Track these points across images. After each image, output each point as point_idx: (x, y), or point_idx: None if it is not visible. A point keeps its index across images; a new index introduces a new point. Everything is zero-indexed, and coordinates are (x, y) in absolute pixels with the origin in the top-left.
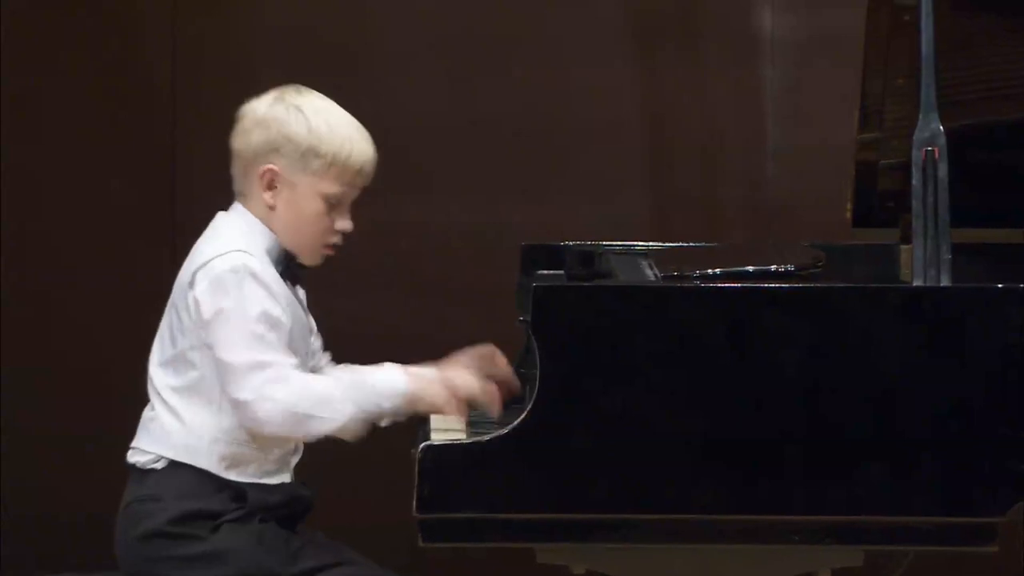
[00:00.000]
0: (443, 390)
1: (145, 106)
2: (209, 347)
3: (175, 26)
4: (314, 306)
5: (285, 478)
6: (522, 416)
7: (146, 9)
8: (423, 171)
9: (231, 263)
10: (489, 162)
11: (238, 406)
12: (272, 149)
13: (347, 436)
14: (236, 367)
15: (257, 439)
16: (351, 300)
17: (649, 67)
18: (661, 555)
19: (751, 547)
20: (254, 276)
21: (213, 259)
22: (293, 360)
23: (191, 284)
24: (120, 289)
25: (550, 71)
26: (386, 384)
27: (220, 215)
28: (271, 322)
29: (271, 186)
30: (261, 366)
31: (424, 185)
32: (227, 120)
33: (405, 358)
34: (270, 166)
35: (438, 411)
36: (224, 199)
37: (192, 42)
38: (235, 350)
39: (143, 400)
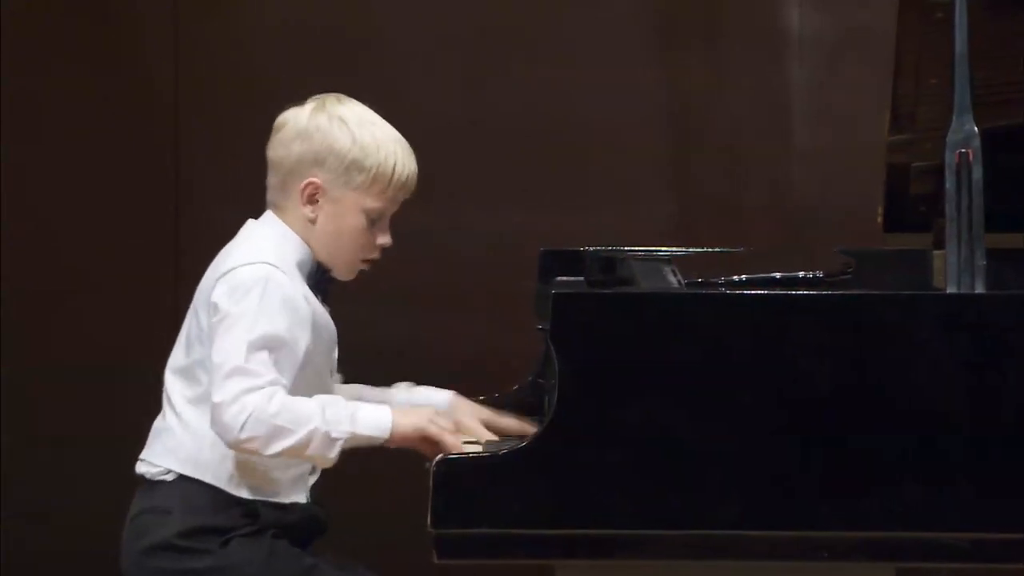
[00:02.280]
0: (427, 420)
1: (147, 106)
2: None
3: (177, 26)
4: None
5: (300, 498)
6: (540, 428)
7: (147, 10)
8: (435, 175)
9: (255, 273)
10: (504, 165)
11: (211, 408)
12: (315, 162)
13: (316, 457)
14: (219, 368)
15: (273, 459)
16: (358, 309)
17: (671, 66)
18: (685, 572)
19: (778, 564)
20: (275, 290)
21: (239, 267)
22: (283, 381)
23: (214, 289)
24: (122, 290)
25: (567, 70)
26: (369, 414)
27: (250, 223)
28: (273, 342)
29: (312, 200)
30: (245, 373)
31: (436, 189)
32: (230, 119)
33: (414, 367)
34: (312, 179)
35: (417, 441)
36: (227, 199)
37: (194, 41)
38: (224, 353)
39: (144, 402)
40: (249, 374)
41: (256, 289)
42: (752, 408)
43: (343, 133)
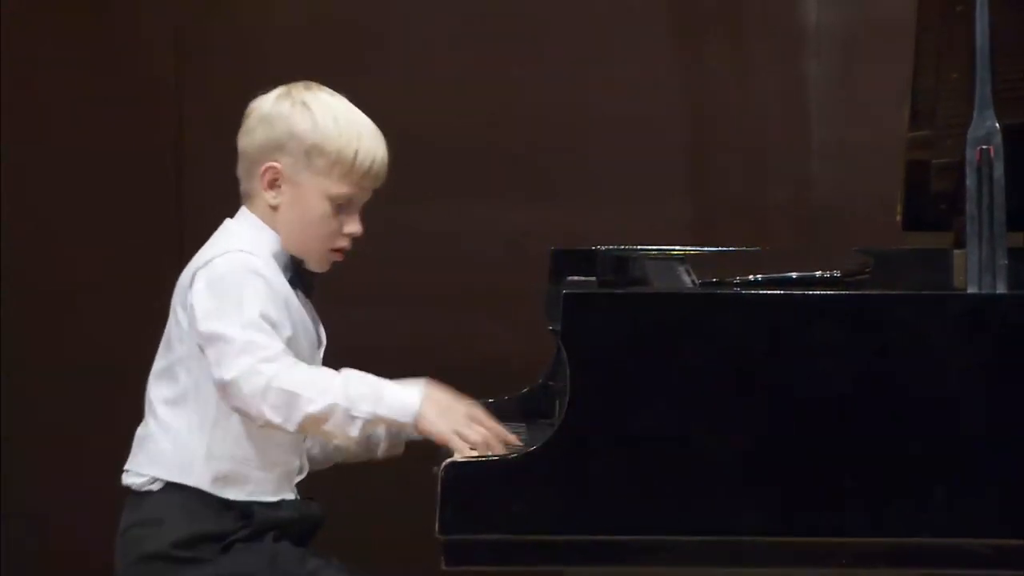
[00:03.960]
0: (458, 424)
1: (150, 102)
2: (202, 347)
3: (178, 19)
4: (322, 316)
5: (288, 495)
6: (552, 432)
7: (147, 7)
8: (444, 172)
9: (232, 262)
10: (516, 163)
11: (225, 388)
12: (276, 147)
13: (337, 433)
14: (227, 347)
15: (257, 457)
16: (362, 310)
17: (688, 61)
18: None
19: (797, 571)
20: (256, 274)
21: (214, 259)
22: (291, 353)
23: (191, 286)
24: (123, 290)
25: (582, 66)
26: (395, 395)
27: (227, 221)
28: (268, 320)
29: (273, 184)
30: (255, 346)
31: (446, 187)
32: (235, 115)
33: (420, 369)
34: (272, 163)
35: (443, 442)
36: (232, 198)
37: (196, 40)
38: (223, 337)
39: (144, 402)
40: (259, 346)
41: (233, 276)
42: (768, 411)
43: (304, 117)
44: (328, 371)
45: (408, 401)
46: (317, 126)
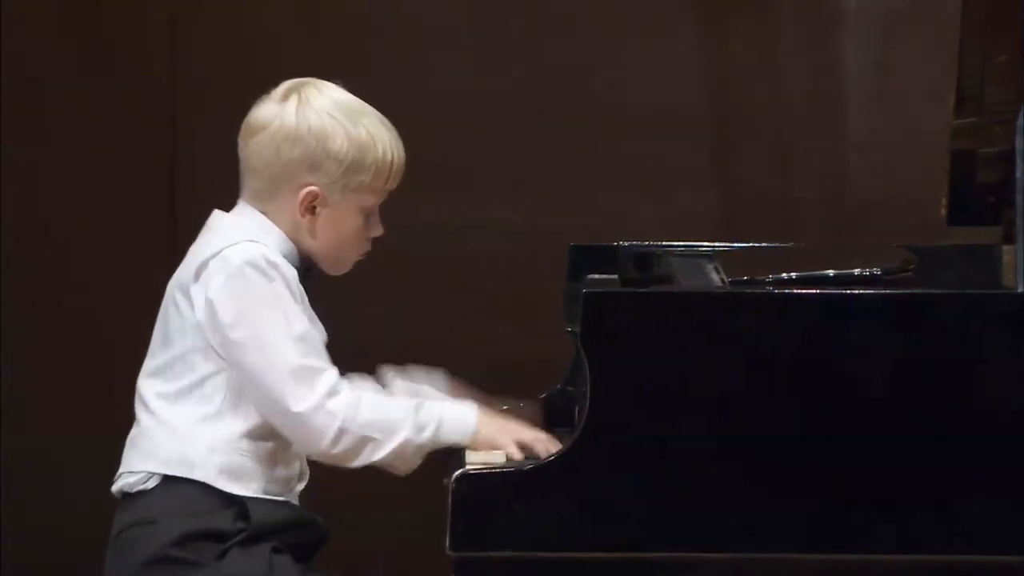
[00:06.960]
0: (509, 442)
1: (146, 101)
2: (225, 348)
3: (175, 17)
4: (333, 315)
5: (290, 500)
6: (570, 440)
7: (144, 2)
8: (456, 166)
9: (247, 254)
10: (531, 154)
11: (288, 418)
12: (311, 167)
13: (400, 466)
14: (283, 373)
15: (259, 453)
16: (374, 309)
17: (715, 44)
18: None
19: None
20: (276, 268)
21: (224, 250)
22: (334, 366)
23: (196, 279)
24: (123, 290)
25: (601, 48)
26: (455, 419)
27: (220, 213)
28: (309, 326)
29: (311, 209)
30: (312, 372)
31: (458, 181)
32: (231, 113)
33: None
34: (311, 188)
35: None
36: (228, 200)
37: (193, 32)
38: (279, 354)
39: None
40: (318, 372)
41: (257, 271)
42: (802, 419)
43: (337, 131)
44: (392, 403)
45: (467, 419)
46: (352, 140)
